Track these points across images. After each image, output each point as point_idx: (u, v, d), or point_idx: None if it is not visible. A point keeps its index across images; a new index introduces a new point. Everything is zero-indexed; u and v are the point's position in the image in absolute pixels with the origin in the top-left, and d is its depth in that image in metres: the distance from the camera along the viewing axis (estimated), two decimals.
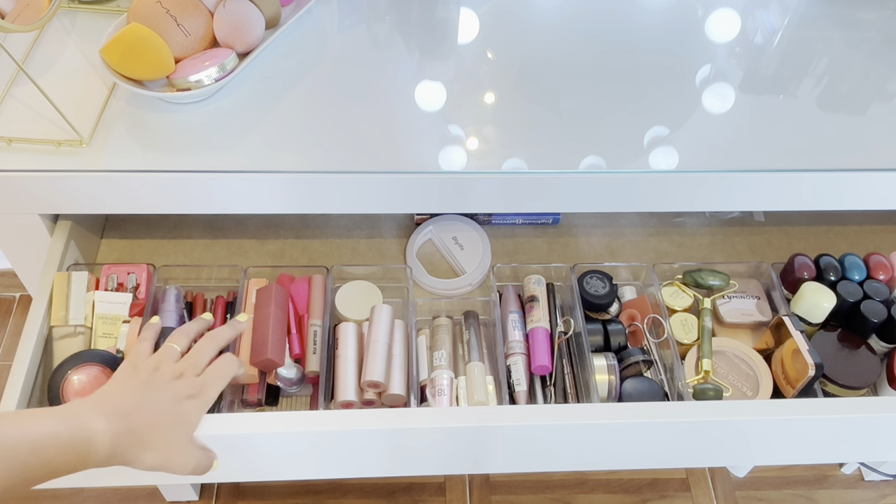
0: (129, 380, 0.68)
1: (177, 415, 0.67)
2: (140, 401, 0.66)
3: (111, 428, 0.62)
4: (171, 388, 0.68)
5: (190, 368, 0.70)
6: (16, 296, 1.53)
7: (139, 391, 0.67)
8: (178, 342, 0.72)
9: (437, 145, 0.80)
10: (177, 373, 0.69)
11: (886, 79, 0.91)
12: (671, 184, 0.81)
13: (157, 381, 0.68)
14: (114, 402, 0.65)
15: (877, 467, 1.27)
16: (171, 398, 0.67)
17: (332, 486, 1.27)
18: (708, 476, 1.32)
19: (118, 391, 0.67)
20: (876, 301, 0.86)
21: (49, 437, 0.58)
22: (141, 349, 0.72)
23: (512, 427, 0.75)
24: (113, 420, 0.63)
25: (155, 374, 0.68)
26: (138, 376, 0.68)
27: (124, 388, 0.67)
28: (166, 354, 0.71)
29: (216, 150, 0.78)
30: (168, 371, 0.69)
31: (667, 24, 0.97)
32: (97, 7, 0.94)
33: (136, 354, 0.71)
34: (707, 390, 0.83)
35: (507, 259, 0.98)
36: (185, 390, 0.68)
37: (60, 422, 0.60)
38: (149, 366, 0.69)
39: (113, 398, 0.66)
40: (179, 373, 0.69)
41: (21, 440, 0.57)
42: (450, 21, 0.96)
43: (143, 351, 0.72)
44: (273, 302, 0.83)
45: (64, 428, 0.59)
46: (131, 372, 0.69)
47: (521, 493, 1.28)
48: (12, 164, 0.76)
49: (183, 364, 0.70)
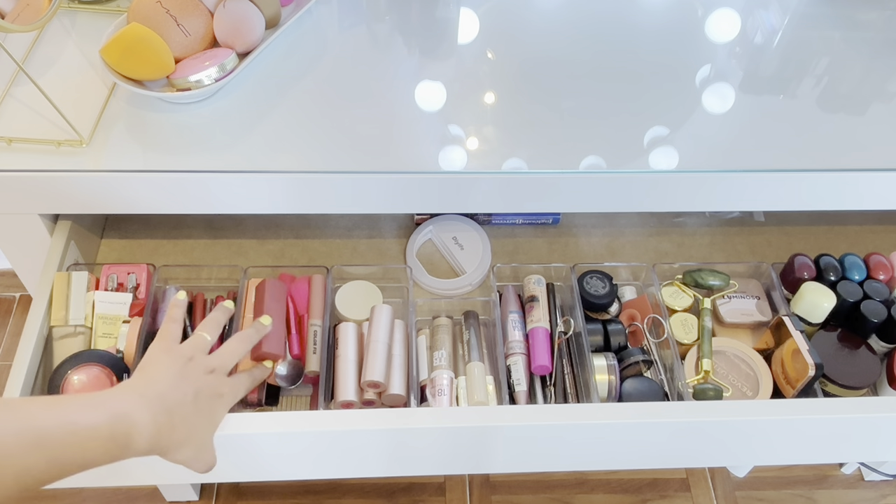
0: (167, 365, 0.67)
1: (210, 412, 0.68)
2: (182, 393, 0.65)
3: (154, 422, 0.61)
4: (207, 384, 0.68)
5: (221, 366, 0.70)
6: (16, 296, 1.53)
7: (180, 382, 0.66)
8: (210, 332, 0.72)
9: (437, 145, 0.80)
10: (210, 367, 0.69)
11: (886, 79, 0.91)
12: (671, 184, 0.81)
13: (194, 372, 0.67)
14: (157, 390, 0.63)
15: (877, 467, 1.27)
16: (207, 395, 0.67)
17: (332, 486, 1.27)
18: (708, 476, 1.32)
19: (159, 377, 0.65)
20: (876, 301, 0.86)
21: (89, 431, 0.57)
22: (172, 330, 0.71)
23: (512, 427, 0.75)
24: (157, 414, 0.62)
25: (189, 365, 0.68)
26: (174, 363, 0.67)
27: (165, 374, 0.66)
28: (200, 345, 0.70)
29: (216, 150, 0.78)
30: (202, 364, 0.69)
31: (667, 24, 0.97)
32: (97, 7, 0.94)
33: (167, 335, 0.70)
34: (707, 390, 0.83)
35: (507, 259, 0.98)
36: (218, 388, 0.69)
37: (102, 413, 0.58)
38: (183, 353, 0.68)
39: (156, 385, 0.64)
40: (213, 368, 0.69)
41: (59, 431, 0.55)
42: (450, 21, 0.96)
43: (174, 332, 0.71)
44: (270, 296, 0.84)
45: (105, 420, 0.58)
46: (166, 355, 0.68)
47: (521, 493, 1.28)
48: (12, 164, 0.76)
49: (215, 360, 0.70)
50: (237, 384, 0.72)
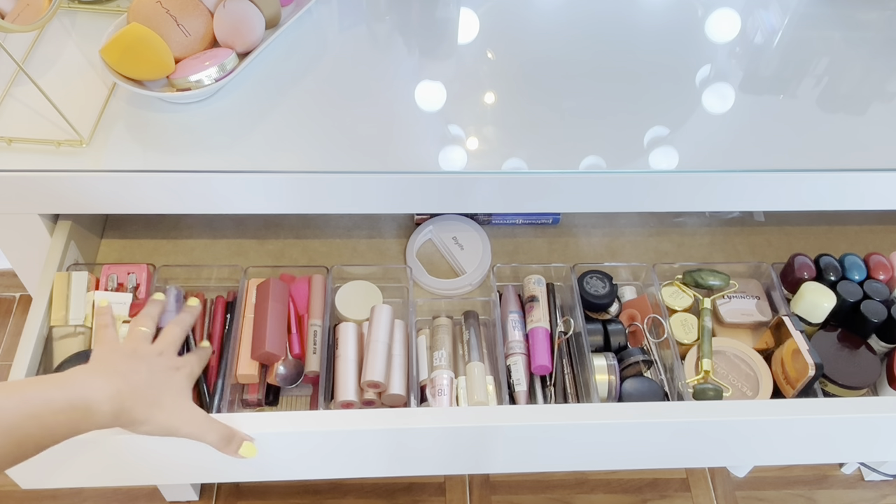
0: (114, 352, 0.70)
1: (170, 381, 0.69)
2: (134, 366, 0.67)
3: (111, 386, 0.63)
4: (159, 361, 0.70)
5: (168, 347, 0.73)
6: (16, 296, 1.53)
7: (130, 358, 0.68)
8: (144, 325, 0.74)
9: (437, 145, 0.80)
10: (157, 351, 0.72)
11: (886, 79, 0.91)
12: (671, 184, 0.81)
13: (142, 356, 0.70)
14: (110, 365, 0.66)
15: (877, 467, 1.27)
16: (161, 368, 0.70)
17: (332, 486, 1.27)
18: (708, 476, 1.32)
19: (111, 356, 0.68)
20: (876, 301, 0.86)
21: (45, 402, 0.58)
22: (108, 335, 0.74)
23: (512, 427, 0.75)
24: (112, 379, 0.64)
25: (137, 352, 0.70)
26: (120, 351, 0.70)
27: (113, 355, 0.69)
28: (139, 337, 0.73)
29: (216, 150, 0.78)
30: (148, 350, 0.71)
31: (667, 24, 0.97)
32: (97, 7, 0.94)
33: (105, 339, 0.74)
34: (707, 390, 0.83)
35: (507, 259, 0.98)
36: (171, 363, 0.71)
37: (55, 386, 0.60)
38: (127, 346, 0.71)
39: (107, 361, 0.67)
40: (160, 351, 0.72)
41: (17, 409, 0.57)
42: (450, 21, 0.96)
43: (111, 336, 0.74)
44: (272, 296, 0.84)
45: (59, 391, 0.60)
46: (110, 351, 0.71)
47: (521, 493, 1.28)
48: (12, 164, 0.76)
49: (160, 344, 0.73)
50: (190, 360, 0.74)
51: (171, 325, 0.76)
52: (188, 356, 0.75)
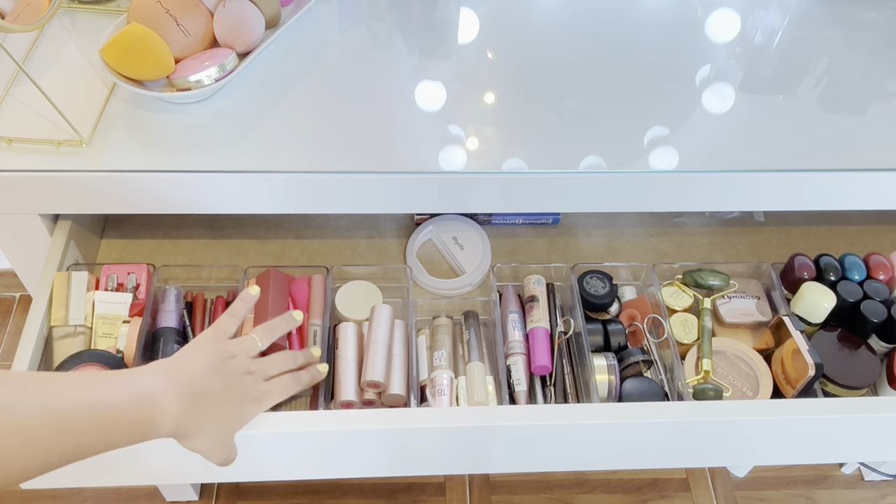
0: (207, 355, 0.67)
1: (236, 412, 0.68)
2: (213, 385, 0.65)
3: (180, 409, 0.61)
4: (240, 382, 0.68)
5: (260, 372, 0.71)
6: (16, 296, 1.53)
7: (214, 374, 0.66)
8: (262, 338, 0.73)
9: (437, 145, 0.80)
10: (249, 369, 0.69)
11: (886, 79, 0.91)
12: (671, 184, 0.81)
13: (231, 369, 0.68)
14: (188, 377, 0.63)
15: (877, 467, 1.27)
16: (238, 393, 0.68)
17: (332, 486, 1.27)
18: (708, 476, 1.32)
19: (195, 365, 0.65)
20: (876, 301, 0.86)
21: (116, 413, 0.56)
22: (228, 325, 0.71)
23: (512, 427, 0.75)
24: (184, 400, 0.62)
25: (230, 361, 0.68)
26: (215, 355, 0.67)
27: (201, 363, 0.66)
28: (247, 347, 0.71)
29: (216, 150, 0.78)
30: (242, 364, 0.69)
31: (667, 24, 0.97)
32: (97, 7, 0.94)
33: (221, 328, 0.70)
34: (707, 390, 0.83)
35: (507, 259, 0.98)
36: (251, 391, 0.69)
37: (128, 394, 0.58)
38: (228, 350, 0.69)
39: (189, 372, 0.64)
40: (251, 371, 0.70)
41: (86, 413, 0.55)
42: (450, 21, 0.96)
43: (230, 328, 0.71)
44: (272, 286, 0.84)
45: (132, 402, 0.57)
46: (210, 345, 0.68)
47: (521, 493, 1.28)
48: (12, 164, 0.76)
49: (256, 365, 0.71)
50: (271, 390, 0.72)
51: (283, 356, 0.74)
52: (274, 384, 0.72)
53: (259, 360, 0.72)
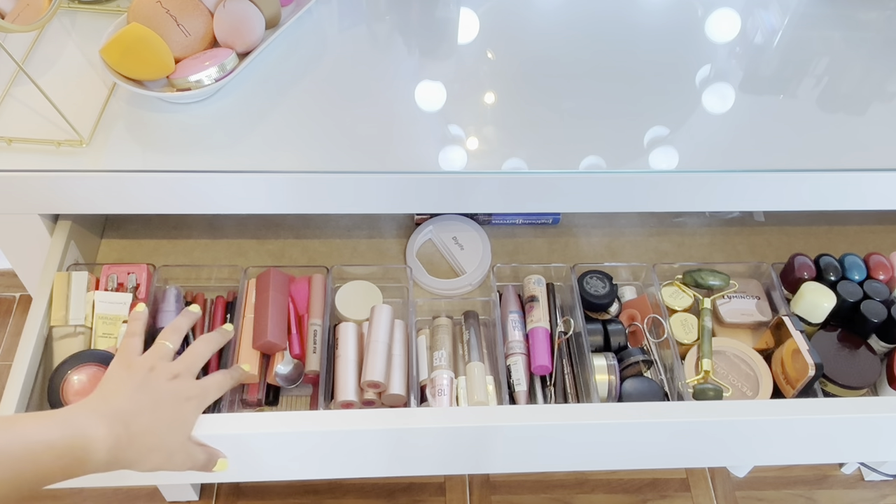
0: (125, 380, 0.67)
1: (176, 417, 0.67)
2: (140, 404, 0.65)
3: (111, 434, 0.61)
4: (170, 390, 0.68)
5: (186, 370, 0.70)
6: (16, 296, 1.53)
7: (138, 393, 0.66)
8: (171, 340, 0.72)
9: (437, 145, 0.80)
10: (173, 373, 0.69)
11: (886, 79, 0.91)
12: (671, 184, 0.81)
13: (154, 381, 0.67)
14: (113, 406, 0.64)
15: (877, 467, 1.27)
16: (171, 400, 0.67)
17: (332, 486, 1.27)
18: (708, 476, 1.32)
19: (116, 392, 0.66)
20: (876, 301, 0.86)
21: (44, 445, 0.57)
22: (132, 344, 0.71)
23: (512, 427, 0.75)
24: (113, 426, 0.62)
25: (151, 374, 0.68)
26: (134, 375, 0.68)
27: (122, 389, 0.66)
28: (161, 353, 0.70)
29: (216, 150, 0.78)
30: (164, 371, 0.69)
31: (666, 24, 0.97)
32: (97, 7, 0.94)
33: (127, 351, 0.70)
34: (707, 390, 0.83)
35: (507, 259, 0.98)
36: (184, 392, 0.68)
37: (57, 428, 0.59)
38: (144, 364, 0.69)
39: (112, 401, 0.65)
40: (176, 373, 0.69)
41: (15, 447, 0.56)
42: (450, 21, 0.96)
43: (135, 347, 0.71)
44: (272, 286, 0.84)
45: (59, 434, 0.58)
46: (126, 370, 0.68)
47: (521, 493, 1.28)
48: (12, 164, 0.76)
49: (179, 365, 0.70)
50: (206, 385, 0.71)
51: (199, 342, 0.74)
52: (208, 379, 0.72)
53: (178, 359, 0.71)
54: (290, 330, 0.85)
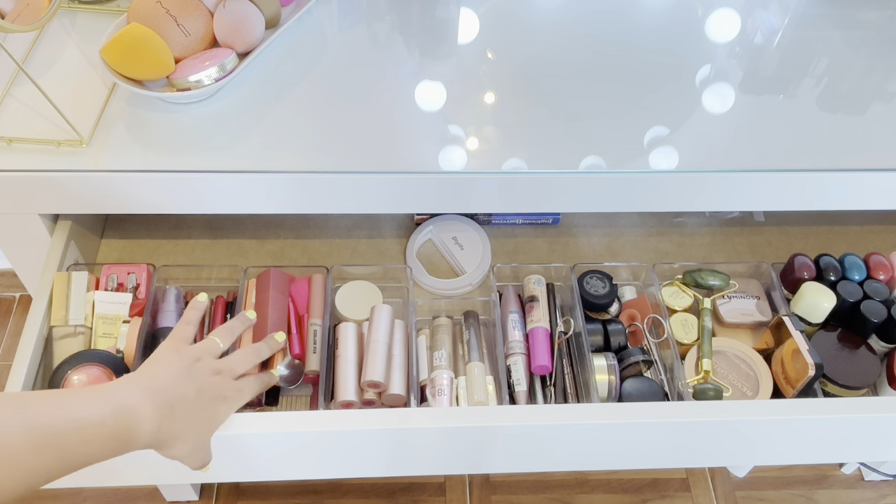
0: (173, 362, 0.67)
1: (210, 412, 0.68)
2: (185, 389, 0.65)
3: (157, 416, 0.61)
4: (211, 384, 0.68)
5: (228, 370, 0.70)
6: (16, 296, 1.53)
7: (183, 378, 0.66)
8: (222, 339, 0.72)
9: (437, 145, 0.80)
10: (217, 370, 0.69)
11: (886, 79, 0.91)
12: (671, 184, 0.81)
13: (199, 372, 0.68)
14: (161, 386, 0.64)
15: (877, 467, 1.27)
16: (211, 394, 0.67)
17: (332, 486, 1.27)
18: (708, 476, 1.32)
19: (165, 374, 0.65)
20: (876, 301, 0.86)
21: (96, 427, 0.57)
22: (185, 332, 0.71)
23: (512, 427, 0.75)
24: (161, 408, 0.62)
25: (197, 364, 0.68)
26: (182, 360, 0.67)
27: (169, 370, 0.66)
28: (209, 348, 0.70)
29: (216, 150, 0.78)
30: (208, 365, 0.69)
31: (667, 25, 0.97)
32: (97, 7, 0.94)
33: (178, 336, 0.70)
34: (707, 390, 0.83)
35: (507, 259, 0.98)
36: (222, 390, 0.69)
37: (107, 407, 0.58)
38: (191, 354, 0.69)
39: (160, 381, 0.64)
40: (219, 370, 0.69)
41: (67, 428, 0.55)
42: (450, 21, 0.96)
43: (187, 335, 0.71)
44: (272, 286, 0.84)
45: (110, 414, 0.58)
46: (174, 354, 0.68)
47: (521, 493, 1.28)
48: (12, 164, 0.76)
49: (223, 364, 0.70)
50: (242, 388, 0.72)
51: (248, 350, 0.74)
52: (244, 383, 0.72)
53: (225, 359, 0.71)
54: (290, 330, 0.85)
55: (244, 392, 0.72)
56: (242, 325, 0.76)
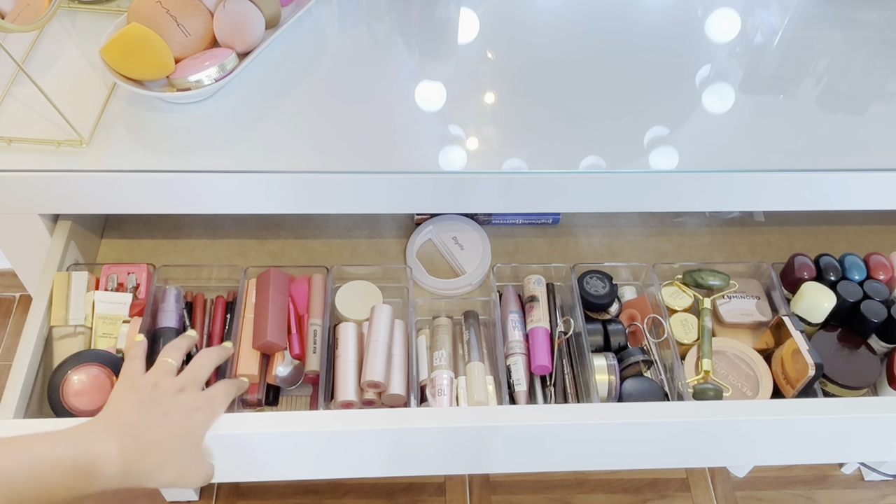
0: (131, 397, 0.67)
1: (185, 428, 0.67)
2: (148, 417, 0.65)
3: (121, 448, 0.61)
4: (177, 403, 0.67)
5: (191, 382, 0.70)
6: (16, 296, 1.53)
7: (145, 408, 0.66)
8: (172, 357, 0.72)
9: (437, 145, 0.80)
10: (179, 387, 0.69)
11: (886, 79, 0.91)
12: (671, 184, 0.81)
13: (160, 395, 0.67)
14: (121, 421, 0.63)
15: (877, 467, 1.27)
16: (179, 412, 0.67)
17: (332, 486, 1.27)
18: (708, 476, 1.32)
19: (123, 409, 0.65)
20: (876, 301, 0.86)
21: (49, 463, 0.56)
22: (134, 367, 0.71)
23: (512, 427, 0.75)
24: (122, 440, 0.61)
25: (156, 390, 0.68)
26: (139, 393, 0.67)
27: (128, 405, 0.66)
28: (163, 370, 0.70)
29: (216, 150, 0.78)
30: (169, 386, 0.68)
31: (667, 24, 0.97)
32: (97, 7, 0.94)
33: (130, 372, 0.70)
34: (707, 390, 0.83)
35: (507, 259, 0.98)
36: (191, 403, 0.68)
37: (62, 445, 0.58)
38: (148, 382, 0.68)
39: (118, 417, 0.64)
40: (181, 387, 0.69)
41: (19, 467, 0.55)
42: (450, 21, 0.96)
43: (137, 368, 0.71)
44: (272, 286, 0.84)
45: (66, 451, 0.58)
46: (130, 389, 0.68)
47: (521, 493, 1.28)
48: (12, 164, 0.76)
49: (183, 378, 0.70)
50: (214, 395, 0.71)
51: (200, 356, 0.73)
52: (213, 389, 0.72)
53: (182, 373, 0.71)
54: (290, 330, 0.85)
55: (217, 397, 0.71)
56: (188, 342, 0.76)
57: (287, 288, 0.87)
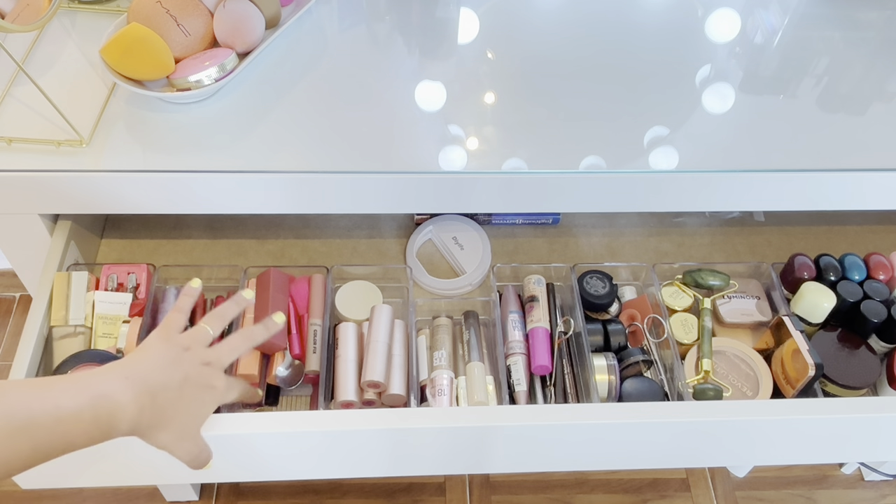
0: (161, 351, 0.66)
1: (197, 402, 0.67)
2: (169, 379, 0.65)
3: (137, 403, 0.61)
4: (199, 373, 0.67)
5: (218, 360, 0.69)
6: (16, 296, 1.53)
7: (169, 368, 0.65)
8: (212, 326, 0.71)
9: (437, 145, 0.80)
10: (206, 359, 0.68)
11: (886, 79, 0.91)
12: (672, 184, 0.81)
13: (187, 361, 0.67)
14: (144, 374, 0.63)
15: (877, 467, 1.27)
16: (197, 383, 0.67)
17: (332, 486, 1.27)
18: (708, 476, 1.32)
19: (149, 362, 0.65)
20: (876, 301, 0.86)
21: (73, 416, 0.57)
22: (176, 319, 0.70)
23: (512, 427, 0.75)
24: (141, 396, 0.62)
25: (185, 354, 0.67)
26: (169, 350, 0.67)
27: (155, 359, 0.65)
28: (200, 337, 0.70)
29: (216, 150, 0.78)
30: (198, 355, 0.68)
31: (667, 24, 0.97)
32: (97, 7, 0.94)
33: (169, 324, 0.69)
34: (707, 390, 0.83)
35: (507, 259, 0.98)
36: (210, 380, 0.68)
37: (85, 396, 0.58)
38: (181, 343, 0.68)
39: (143, 369, 0.64)
40: (208, 360, 0.68)
41: (45, 417, 0.55)
42: (450, 21, 0.96)
43: (178, 322, 0.70)
44: (272, 286, 0.84)
45: (88, 404, 0.58)
46: (163, 342, 0.67)
47: (521, 493, 1.28)
48: (12, 164, 0.76)
49: (212, 354, 0.69)
50: (231, 384, 0.71)
51: (238, 336, 0.72)
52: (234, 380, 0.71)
53: (214, 347, 0.70)
54: (290, 330, 0.85)
55: (232, 386, 0.71)
56: (237, 307, 0.74)
57: (287, 288, 0.87)
